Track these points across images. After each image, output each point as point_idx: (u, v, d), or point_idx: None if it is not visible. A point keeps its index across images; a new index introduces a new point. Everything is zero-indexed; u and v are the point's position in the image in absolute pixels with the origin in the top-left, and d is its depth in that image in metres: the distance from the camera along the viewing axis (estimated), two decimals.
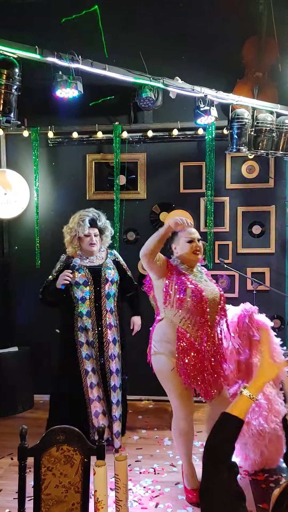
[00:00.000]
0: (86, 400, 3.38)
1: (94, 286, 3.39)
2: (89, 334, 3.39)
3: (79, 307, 3.38)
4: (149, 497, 2.92)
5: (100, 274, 3.43)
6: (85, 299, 3.37)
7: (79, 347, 3.38)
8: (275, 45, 4.11)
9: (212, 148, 4.26)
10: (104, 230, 3.54)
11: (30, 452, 1.78)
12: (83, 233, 3.40)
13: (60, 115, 4.35)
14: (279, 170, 4.39)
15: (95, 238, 3.45)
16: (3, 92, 2.71)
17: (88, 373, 3.38)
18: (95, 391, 3.39)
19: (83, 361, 3.38)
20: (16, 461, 1.93)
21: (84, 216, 3.43)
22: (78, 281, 3.36)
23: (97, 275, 3.42)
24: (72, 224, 3.44)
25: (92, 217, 3.45)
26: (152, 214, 4.52)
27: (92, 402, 3.38)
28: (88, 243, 3.42)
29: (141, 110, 4.33)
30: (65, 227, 3.51)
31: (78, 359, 3.38)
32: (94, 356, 3.40)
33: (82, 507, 1.77)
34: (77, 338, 3.38)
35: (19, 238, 4.64)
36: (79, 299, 3.37)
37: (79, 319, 3.38)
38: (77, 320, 3.38)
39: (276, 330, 4.41)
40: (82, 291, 3.37)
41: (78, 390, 3.37)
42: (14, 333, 4.62)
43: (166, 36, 4.29)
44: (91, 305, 3.38)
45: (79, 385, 3.38)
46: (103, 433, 1.80)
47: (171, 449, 3.56)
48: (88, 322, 3.38)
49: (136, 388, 4.45)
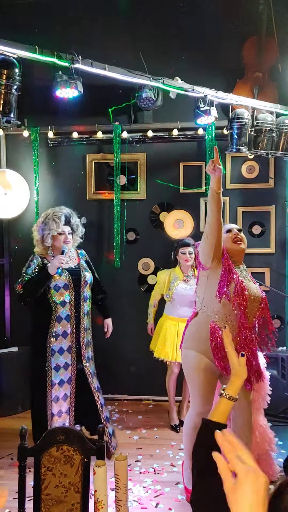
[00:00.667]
0: (47, 414, 3.19)
1: (74, 289, 3.25)
2: (68, 339, 3.23)
3: (57, 311, 3.21)
4: (149, 497, 2.92)
5: (79, 276, 3.31)
6: (65, 303, 3.22)
7: (49, 356, 3.20)
8: (275, 45, 4.11)
9: (212, 148, 4.26)
10: (76, 229, 3.45)
11: (30, 452, 1.78)
12: (57, 231, 3.27)
13: (60, 115, 4.36)
14: (279, 170, 4.39)
15: (69, 236, 3.35)
16: (3, 92, 2.71)
17: (54, 385, 3.20)
18: (57, 406, 3.20)
19: (51, 372, 3.20)
20: (16, 461, 1.93)
21: (59, 213, 3.33)
22: (58, 284, 3.21)
23: (77, 278, 3.29)
24: (46, 221, 3.29)
25: (66, 215, 3.37)
26: (152, 214, 4.52)
27: (52, 417, 3.19)
28: (62, 241, 3.30)
29: (141, 110, 4.33)
30: (35, 226, 3.40)
31: (46, 369, 3.20)
32: (71, 362, 3.24)
33: (82, 507, 1.77)
34: (49, 345, 3.19)
35: (19, 238, 4.63)
36: (58, 303, 3.21)
37: (56, 323, 3.20)
38: (53, 325, 3.20)
39: (276, 330, 4.42)
40: (62, 294, 3.22)
41: (40, 404, 3.20)
42: (14, 333, 4.62)
43: (166, 36, 4.29)
44: (71, 309, 3.24)
45: (43, 399, 3.19)
46: (103, 433, 1.80)
47: (171, 449, 3.56)
48: (67, 327, 3.22)
49: (136, 388, 4.46)
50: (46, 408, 3.19)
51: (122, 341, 4.44)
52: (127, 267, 4.44)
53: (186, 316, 3.79)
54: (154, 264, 4.49)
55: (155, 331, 3.94)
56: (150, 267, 4.50)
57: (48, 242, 3.29)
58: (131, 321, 4.39)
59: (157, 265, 4.44)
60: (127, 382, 4.49)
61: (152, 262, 4.50)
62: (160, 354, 3.80)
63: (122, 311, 4.45)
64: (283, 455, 3.36)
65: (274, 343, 2.76)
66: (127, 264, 4.46)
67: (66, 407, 3.23)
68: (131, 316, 4.36)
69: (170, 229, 4.42)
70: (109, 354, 4.14)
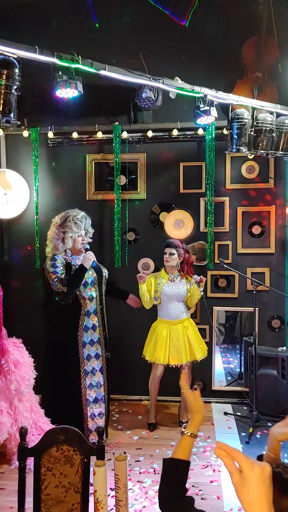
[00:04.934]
0: (82, 401, 3.41)
1: (98, 285, 3.51)
2: (97, 332, 3.47)
3: (86, 306, 3.43)
4: (149, 497, 2.92)
5: (101, 272, 3.57)
6: (93, 297, 3.47)
7: (81, 348, 3.42)
8: (275, 45, 4.11)
9: (212, 148, 4.26)
10: (89, 230, 3.62)
11: (30, 452, 1.78)
12: (79, 234, 3.48)
13: (60, 115, 4.35)
14: (279, 170, 4.39)
15: (86, 238, 3.56)
16: (3, 92, 2.70)
17: (88, 374, 3.43)
18: (92, 393, 3.43)
19: (84, 362, 3.42)
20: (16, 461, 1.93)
21: (79, 216, 3.50)
22: (87, 280, 3.42)
23: (100, 274, 3.54)
24: (67, 223, 3.45)
25: (86, 217, 3.55)
26: (152, 214, 4.52)
27: (89, 404, 3.42)
28: (80, 243, 3.50)
29: (141, 110, 4.33)
30: (54, 229, 3.50)
31: (79, 360, 3.42)
32: (101, 353, 3.49)
33: (82, 507, 1.77)
34: (81, 337, 3.42)
35: (19, 238, 4.63)
36: (86, 297, 3.43)
37: (85, 318, 3.43)
38: (83, 319, 3.43)
39: (276, 330, 4.42)
40: (90, 290, 3.45)
41: (75, 391, 3.40)
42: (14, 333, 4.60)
43: (166, 36, 4.28)
44: (97, 303, 3.48)
45: (78, 386, 3.40)
46: (103, 433, 1.80)
47: (171, 449, 3.55)
48: (95, 320, 3.47)
49: (136, 388, 4.46)
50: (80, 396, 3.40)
51: (122, 341, 4.44)
52: (127, 267, 4.44)
53: (176, 316, 3.81)
54: (154, 264, 4.49)
55: (148, 335, 3.94)
56: (150, 267, 4.50)
57: (68, 244, 3.45)
58: (131, 321, 4.39)
59: (157, 265, 4.44)
60: (127, 382, 4.49)
61: (152, 262, 4.50)
62: (151, 357, 3.81)
63: (122, 311, 4.45)
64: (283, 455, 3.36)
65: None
66: (127, 264, 4.46)
67: (102, 394, 3.48)
68: (131, 316, 4.36)
69: (170, 229, 4.42)
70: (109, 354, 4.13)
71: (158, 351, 3.77)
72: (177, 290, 3.78)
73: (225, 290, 4.47)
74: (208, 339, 4.38)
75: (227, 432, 3.78)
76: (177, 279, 3.82)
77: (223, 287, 4.47)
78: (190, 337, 3.81)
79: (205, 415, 3.65)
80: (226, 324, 5.14)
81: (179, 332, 3.80)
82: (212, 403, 4.35)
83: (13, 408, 3.21)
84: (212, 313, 4.41)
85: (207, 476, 3.15)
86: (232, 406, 4.31)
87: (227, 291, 4.47)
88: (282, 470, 1.22)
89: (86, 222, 3.58)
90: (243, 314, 4.79)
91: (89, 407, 3.42)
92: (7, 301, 4.67)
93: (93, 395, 3.44)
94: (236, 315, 4.93)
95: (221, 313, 4.79)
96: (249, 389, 4.23)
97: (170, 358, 3.76)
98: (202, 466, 3.28)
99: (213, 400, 4.39)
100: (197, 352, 3.80)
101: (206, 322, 4.41)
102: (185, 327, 3.82)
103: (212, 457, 3.39)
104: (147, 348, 3.88)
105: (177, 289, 3.78)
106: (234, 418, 4.06)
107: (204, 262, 4.41)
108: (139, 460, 3.39)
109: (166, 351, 3.77)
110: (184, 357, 3.76)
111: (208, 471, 3.21)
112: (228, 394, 4.46)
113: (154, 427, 3.92)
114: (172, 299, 3.79)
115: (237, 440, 3.65)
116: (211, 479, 3.11)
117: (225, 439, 3.52)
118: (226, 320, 5.10)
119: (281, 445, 1.39)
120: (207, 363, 4.24)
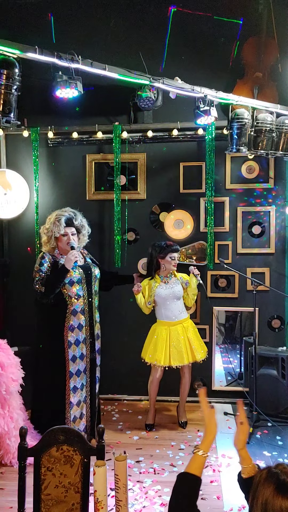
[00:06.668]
0: (65, 404, 3.38)
1: (86, 283, 3.47)
2: (83, 331, 3.44)
3: (72, 305, 3.40)
4: (149, 497, 2.92)
5: (90, 272, 3.53)
6: (80, 296, 3.43)
7: (67, 348, 3.40)
8: (275, 45, 4.11)
9: (212, 148, 4.26)
10: (81, 229, 3.60)
11: (30, 452, 1.78)
12: (59, 233, 3.44)
13: (60, 115, 4.36)
14: (279, 170, 4.39)
15: (73, 237, 3.48)
16: (3, 92, 2.71)
17: (72, 375, 3.41)
18: (76, 396, 3.41)
19: (69, 363, 3.40)
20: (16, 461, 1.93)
21: (60, 216, 3.48)
22: (72, 279, 3.39)
23: (88, 273, 3.51)
24: (48, 224, 3.48)
25: (68, 217, 3.51)
26: (152, 214, 4.52)
27: (72, 407, 3.39)
28: (65, 242, 3.46)
29: (141, 110, 4.33)
30: (41, 228, 3.57)
31: (65, 361, 3.39)
32: (86, 353, 3.46)
33: (82, 507, 1.77)
34: (67, 337, 3.39)
35: (19, 238, 4.63)
36: (72, 296, 3.40)
37: (71, 316, 3.40)
38: (69, 318, 3.40)
39: (276, 330, 4.42)
40: (76, 288, 3.41)
41: (59, 394, 3.38)
42: (14, 333, 4.61)
43: (166, 36, 4.28)
44: (85, 302, 3.44)
45: (62, 389, 3.39)
46: (103, 433, 1.80)
47: (171, 449, 3.56)
48: (82, 319, 3.43)
49: (136, 388, 4.45)
50: (64, 398, 3.38)
51: (122, 341, 4.44)
52: (127, 267, 4.44)
53: (175, 316, 3.81)
54: None
55: (147, 337, 3.94)
56: None
57: (52, 244, 3.48)
58: (131, 321, 4.39)
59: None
60: (127, 382, 4.49)
61: None
62: (152, 359, 3.81)
63: (122, 311, 4.45)
64: (283, 455, 3.37)
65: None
66: (127, 264, 4.46)
67: (84, 395, 3.47)
68: (131, 316, 4.36)
69: (170, 229, 4.42)
70: (109, 354, 4.13)
71: (159, 353, 3.76)
72: (171, 290, 3.80)
73: (225, 290, 4.47)
74: (208, 339, 4.38)
75: (227, 432, 3.78)
76: (170, 280, 3.85)
77: (223, 287, 4.47)
78: (190, 338, 3.82)
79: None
80: (226, 324, 5.14)
81: (179, 333, 3.80)
82: (212, 403, 4.35)
83: (5, 408, 3.23)
84: (212, 310, 4.42)
85: (207, 476, 3.15)
86: (232, 406, 4.31)
87: (227, 291, 4.47)
88: (280, 471, 1.26)
89: (77, 221, 3.55)
90: (243, 314, 4.78)
91: (72, 410, 3.39)
92: (7, 301, 4.69)
93: (76, 397, 3.41)
94: (236, 315, 4.93)
95: (221, 313, 4.78)
96: (249, 389, 4.23)
97: (171, 360, 3.75)
98: None
99: (213, 400, 4.39)
100: (197, 353, 3.81)
101: (206, 322, 4.41)
102: (185, 328, 3.82)
103: (212, 457, 3.39)
104: (146, 350, 3.87)
105: (171, 289, 3.81)
106: (234, 418, 4.06)
107: (204, 262, 4.41)
108: (139, 460, 3.39)
109: (167, 353, 3.76)
110: (186, 357, 3.76)
111: (208, 471, 3.21)
112: (228, 394, 4.46)
113: (151, 428, 3.92)
114: (168, 299, 3.80)
115: None
116: (211, 479, 3.11)
117: (225, 439, 3.51)
118: (226, 320, 5.09)
119: (280, 445, 1.42)
120: (207, 363, 4.24)
